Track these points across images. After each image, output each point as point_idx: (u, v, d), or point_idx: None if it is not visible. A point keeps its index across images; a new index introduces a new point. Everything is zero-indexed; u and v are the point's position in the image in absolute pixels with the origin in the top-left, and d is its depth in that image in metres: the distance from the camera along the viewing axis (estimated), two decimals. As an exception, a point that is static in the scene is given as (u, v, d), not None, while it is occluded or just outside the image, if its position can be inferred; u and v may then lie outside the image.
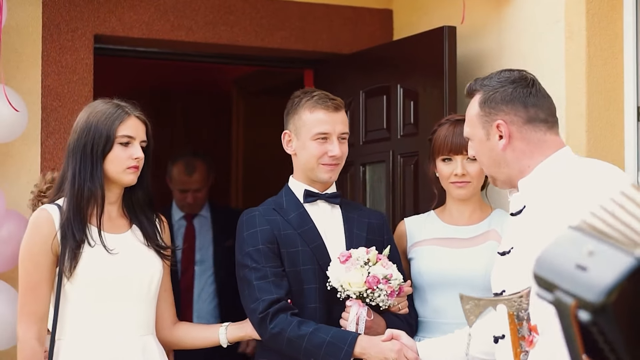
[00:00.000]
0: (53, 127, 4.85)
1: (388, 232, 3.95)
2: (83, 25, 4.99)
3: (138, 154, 3.58)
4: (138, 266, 3.60)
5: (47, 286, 3.52)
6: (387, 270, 3.57)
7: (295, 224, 3.77)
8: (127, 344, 3.56)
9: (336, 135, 3.78)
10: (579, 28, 4.28)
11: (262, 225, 3.75)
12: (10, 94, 4.37)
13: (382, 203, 5.05)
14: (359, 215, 3.89)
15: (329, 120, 3.78)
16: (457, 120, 3.98)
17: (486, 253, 3.89)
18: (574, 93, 4.29)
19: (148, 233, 3.68)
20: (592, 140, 4.24)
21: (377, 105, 5.12)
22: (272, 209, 3.82)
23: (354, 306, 3.59)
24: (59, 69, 4.91)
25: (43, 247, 3.51)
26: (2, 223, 4.38)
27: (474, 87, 3.12)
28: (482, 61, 4.85)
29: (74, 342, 3.54)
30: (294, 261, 3.72)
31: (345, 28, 5.51)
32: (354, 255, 3.59)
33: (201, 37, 5.24)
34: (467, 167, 3.92)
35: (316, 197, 3.83)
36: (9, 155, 4.67)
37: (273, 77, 7.18)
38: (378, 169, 5.13)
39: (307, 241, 3.74)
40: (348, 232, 3.82)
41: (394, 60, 5.06)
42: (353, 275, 3.54)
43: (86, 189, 3.53)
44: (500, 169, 3.08)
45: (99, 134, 3.55)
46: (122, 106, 3.62)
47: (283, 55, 5.53)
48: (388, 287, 3.56)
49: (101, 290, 3.52)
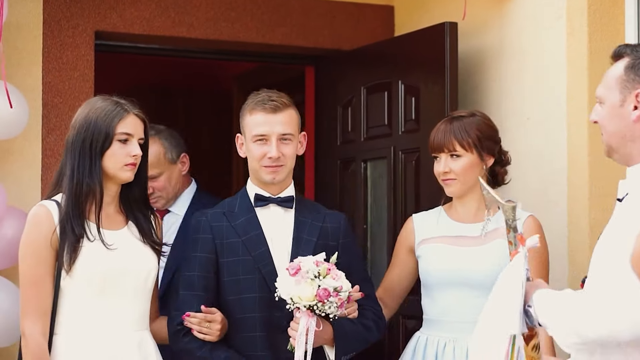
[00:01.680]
0: (54, 124, 4.85)
1: (346, 236, 3.89)
2: (84, 22, 4.99)
3: (136, 151, 3.60)
4: (135, 262, 3.63)
5: (49, 281, 3.55)
6: (337, 282, 3.51)
7: (241, 230, 3.76)
8: (124, 339, 3.60)
9: (275, 136, 3.74)
10: (581, 24, 4.27)
11: (205, 233, 3.76)
12: (11, 91, 4.36)
13: (384, 199, 5.05)
14: (313, 219, 3.84)
15: (266, 121, 3.74)
16: (454, 117, 3.98)
17: (494, 252, 3.87)
18: (576, 89, 4.29)
19: (144, 229, 3.70)
20: (593, 137, 4.23)
21: (379, 102, 5.12)
22: (222, 213, 3.81)
23: (303, 317, 3.53)
24: (60, 65, 4.90)
25: (44, 242, 3.53)
26: (4, 220, 4.38)
27: (623, 51, 2.96)
28: (483, 57, 4.84)
29: (71, 337, 3.57)
30: (233, 270, 3.73)
31: (347, 24, 5.50)
32: (304, 267, 3.52)
33: (202, 33, 5.23)
34: (449, 164, 3.90)
35: (267, 202, 3.81)
36: (10, 152, 4.67)
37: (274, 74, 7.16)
38: (379, 165, 5.13)
39: (249, 249, 3.73)
40: (296, 237, 3.79)
41: (395, 56, 5.05)
42: (303, 288, 3.48)
43: (84, 184, 3.56)
44: (624, 141, 2.92)
45: (98, 130, 3.57)
46: (121, 103, 3.64)
47: (284, 51, 5.52)
48: (338, 299, 3.51)
49: (99, 285, 3.55)
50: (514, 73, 4.65)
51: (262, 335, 3.69)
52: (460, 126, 3.93)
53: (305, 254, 3.67)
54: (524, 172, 4.54)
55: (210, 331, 3.64)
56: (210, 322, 3.64)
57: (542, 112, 4.46)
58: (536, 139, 4.49)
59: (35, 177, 4.72)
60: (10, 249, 4.40)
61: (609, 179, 4.24)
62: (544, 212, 4.40)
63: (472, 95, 4.90)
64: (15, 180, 4.66)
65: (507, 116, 4.67)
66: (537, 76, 4.50)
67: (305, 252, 3.69)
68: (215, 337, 3.65)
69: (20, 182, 4.67)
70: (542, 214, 4.42)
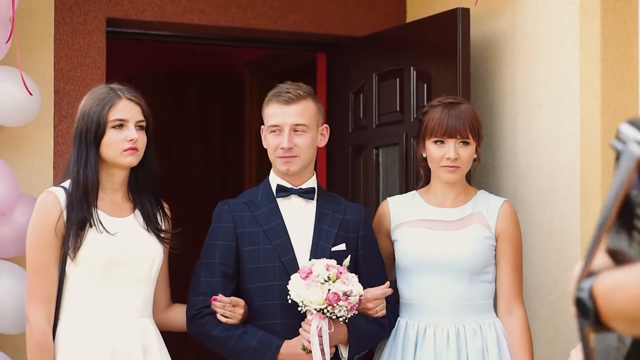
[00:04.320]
0: (66, 111, 4.85)
1: (366, 228, 3.95)
2: (95, 9, 4.98)
3: (132, 135, 3.61)
4: (139, 249, 3.66)
5: (55, 267, 3.58)
6: (347, 286, 3.59)
7: (262, 220, 3.83)
8: (126, 326, 3.63)
9: (288, 127, 3.81)
10: (594, 9, 4.25)
11: (227, 222, 3.84)
12: (24, 78, 4.36)
13: (396, 186, 5.04)
14: (334, 210, 3.90)
15: (279, 112, 3.83)
16: (451, 103, 3.97)
17: (471, 236, 3.90)
18: (589, 75, 4.27)
19: (149, 216, 3.73)
20: (606, 122, 4.21)
21: (391, 88, 5.10)
22: (244, 203, 3.88)
23: (314, 319, 3.61)
24: (72, 52, 4.90)
25: (50, 229, 3.57)
26: (16, 207, 4.39)
27: None
28: (495, 43, 4.82)
29: (74, 323, 3.60)
30: (254, 259, 3.79)
31: (359, 10, 5.49)
32: (315, 271, 3.60)
33: (213, 20, 5.22)
34: (459, 151, 3.90)
35: (288, 193, 3.87)
36: (22, 139, 4.67)
37: (286, 60, 7.15)
38: (391, 151, 5.12)
39: (270, 238, 3.80)
40: (317, 228, 3.85)
41: (407, 42, 5.04)
42: (313, 292, 3.57)
43: (82, 175, 3.60)
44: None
45: (90, 120, 3.62)
46: (114, 89, 3.67)
47: (296, 38, 5.51)
48: (348, 304, 3.58)
49: (102, 271, 3.58)
50: (527, 59, 4.63)
51: (282, 322, 3.75)
52: (468, 112, 3.93)
53: (326, 244, 3.79)
54: (537, 157, 4.53)
55: (234, 315, 3.72)
56: (234, 307, 3.72)
57: (555, 97, 4.45)
58: (549, 124, 4.48)
59: (47, 164, 4.72)
60: (23, 237, 4.40)
61: (622, 165, 4.23)
62: (557, 198, 4.40)
63: (484, 81, 4.88)
64: (27, 167, 4.67)
65: (520, 102, 4.65)
66: (550, 62, 4.48)
67: (325, 243, 3.80)
68: (237, 320, 3.73)
69: (32, 170, 4.68)
70: (554, 199, 4.42)
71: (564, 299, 4.35)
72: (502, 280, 3.96)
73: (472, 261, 3.88)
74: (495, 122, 4.80)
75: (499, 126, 4.77)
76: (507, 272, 3.95)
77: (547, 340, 4.43)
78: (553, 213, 4.42)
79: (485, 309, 3.94)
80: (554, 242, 4.41)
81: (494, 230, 3.94)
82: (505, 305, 3.95)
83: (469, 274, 3.89)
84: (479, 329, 3.89)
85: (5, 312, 4.31)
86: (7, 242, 4.39)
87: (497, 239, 3.95)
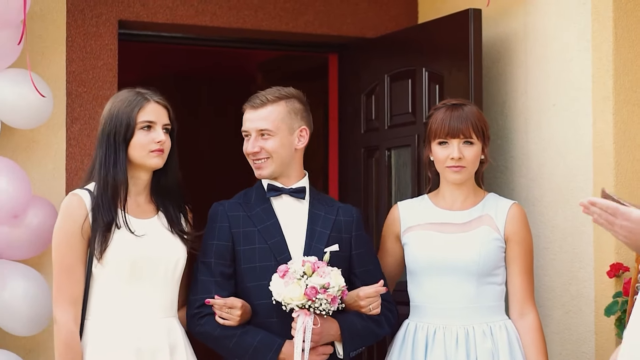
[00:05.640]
0: (78, 113, 4.86)
1: (358, 229, 3.97)
2: (107, 11, 4.99)
3: (160, 137, 3.69)
4: (164, 250, 3.71)
5: (82, 268, 3.64)
6: (324, 279, 3.63)
7: (257, 220, 3.87)
8: (152, 325, 3.68)
9: (254, 132, 3.89)
10: (606, 9, 4.24)
11: (222, 222, 3.88)
12: (36, 80, 4.38)
13: (408, 187, 5.03)
14: (326, 212, 3.93)
15: (247, 118, 3.94)
16: (454, 105, 3.97)
17: (479, 238, 3.90)
18: (601, 75, 4.26)
19: (172, 218, 3.79)
20: (618, 123, 4.20)
21: (402, 89, 5.10)
22: (239, 203, 3.93)
23: (300, 316, 3.66)
24: (84, 54, 4.92)
25: (76, 231, 3.62)
26: (28, 209, 4.39)
27: None
28: (507, 44, 4.82)
29: (101, 323, 3.64)
30: (250, 258, 3.83)
31: (370, 11, 5.49)
32: (291, 268, 3.66)
33: (225, 21, 5.23)
34: (463, 151, 3.91)
35: (279, 192, 3.91)
36: (35, 141, 4.68)
37: (298, 62, 7.16)
38: (403, 153, 5.11)
39: (265, 237, 3.84)
40: (309, 229, 3.88)
41: (419, 43, 5.03)
42: (292, 289, 3.63)
43: (110, 176, 3.65)
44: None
45: (119, 121, 3.67)
46: (142, 93, 3.73)
47: (307, 39, 5.51)
48: (327, 296, 3.62)
49: (128, 272, 3.63)
50: (539, 59, 4.62)
51: (278, 321, 3.77)
52: (471, 113, 3.93)
53: (319, 245, 3.83)
54: (550, 158, 4.52)
55: (231, 316, 3.74)
56: (230, 308, 3.73)
57: (568, 98, 4.44)
58: (561, 125, 4.47)
59: (60, 166, 4.73)
60: (35, 239, 4.43)
61: (634, 164, 4.22)
62: (569, 199, 4.39)
63: (496, 82, 4.87)
64: (40, 169, 4.68)
65: (532, 103, 4.64)
66: (562, 62, 4.48)
67: (318, 244, 3.84)
68: (235, 322, 3.75)
69: (45, 172, 4.69)
70: (567, 200, 4.41)
71: (577, 300, 4.34)
72: (512, 282, 3.95)
73: (480, 263, 3.88)
74: (507, 123, 4.79)
75: (511, 127, 4.77)
76: (518, 274, 3.94)
77: (560, 342, 4.42)
78: (566, 214, 4.41)
79: (495, 311, 3.93)
80: (566, 244, 4.40)
81: (503, 232, 3.93)
82: (517, 307, 3.94)
83: (477, 276, 3.88)
84: (489, 331, 3.88)
85: (18, 314, 4.32)
86: (20, 244, 4.40)
87: (506, 241, 3.94)
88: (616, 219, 2.87)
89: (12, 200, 4.29)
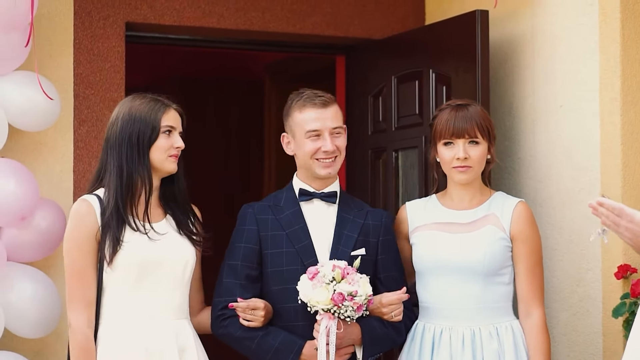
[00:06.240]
0: (85, 115, 4.87)
1: (386, 233, 3.99)
2: (114, 13, 5.00)
3: (179, 143, 3.77)
4: (173, 252, 3.74)
5: (93, 272, 3.68)
6: (352, 287, 3.65)
7: (285, 223, 3.89)
8: (161, 327, 3.70)
9: (327, 130, 3.87)
10: (613, 10, 4.23)
11: (250, 225, 3.90)
12: (43, 83, 4.38)
13: (415, 188, 5.03)
14: (355, 215, 3.95)
15: (318, 117, 3.88)
16: (459, 105, 3.97)
17: (484, 238, 3.90)
18: (608, 76, 4.25)
19: (180, 220, 3.82)
20: (626, 124, 4.20)
21: (410, 91, 5.10)
22: (268, 206, 3.95)
23: (324, 319, 3.68)
24: (91, 57, 4.92)
25: (88, 235, 3.66)
26: (36, 211, 4.40)
27: None
28: (515, 45, 4.81)
29: (112, 326, 3.67)
30: (277, 262, 3.86)
31: (377, 13, 5.49)
32: (321, 272, 3.67)
33: (232, 23, 5.23)
34: (468, 151, 3.91)
35: (310, 197, 3.93)
36: (42, 144, 4.69)
37: (305, 63, 7.16)
38: (411, 154, 5.11)
39: (293, 241, 3.86)
40: (337, 233, 3.89)
41: (426, 45, 5.03)
42: (319, 292, 3.65)
43: (135, 177, 3.70)
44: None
45: (145, 124, 3.71)
46: (161, 99, 3.79)
47: (315, 41, 5.51)
48: (354, 304, 3.64)
49: (137, 275, 3.67)
50: (546, 60, 4.61)
51: (303, 324, 3.80)
52: (476, 113, 3.93)
53: (346, 249, 3.85)
54: (557, 159, 4.51)
55: (255, 317, 3.77)
56: (254, 310, 3.76)
57: (575, 99, 4.43)
58: (569, 126, 4.46)
59: (67, 169, 4.74)
60: (43, 241, 4.43)
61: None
62: (577, 200, 4.38)
63: (503, 83, 4.87)
64: (47, 172, 4.69)
65: (540, 104, 4.64)
66: (570, 63, 4.47)
67: (345, 248, 3.86)
68: (259, 323, 3.78)
69: (52, 174, 4.70)
70: (575, 201, 4.40)
71: (584, 301, 4.34)
72: (519, 282, 3.94)
73: (486, 263, 3.87)
74: (514, 124, 4.79)
75: (519, 128, 4.76)
76: (524, 274, 3.92)
77: (567, 343, 4.41)
78: (574, 215, 4.41)
79: (502, 312, 3.92)
80: (574, 245, 4.40)
81: (509, 231, 3.92)
82: (524, 307, 3.93)
83: (483, 276, 3.88)
84: (495, 332, 3.87)
85: (26, 316, 4.33)
86: (28, 247, 4.41)
87: (512, 240, 3.93)
88: (621, 220, 2.88)
89: (19, 203, 4.30)
